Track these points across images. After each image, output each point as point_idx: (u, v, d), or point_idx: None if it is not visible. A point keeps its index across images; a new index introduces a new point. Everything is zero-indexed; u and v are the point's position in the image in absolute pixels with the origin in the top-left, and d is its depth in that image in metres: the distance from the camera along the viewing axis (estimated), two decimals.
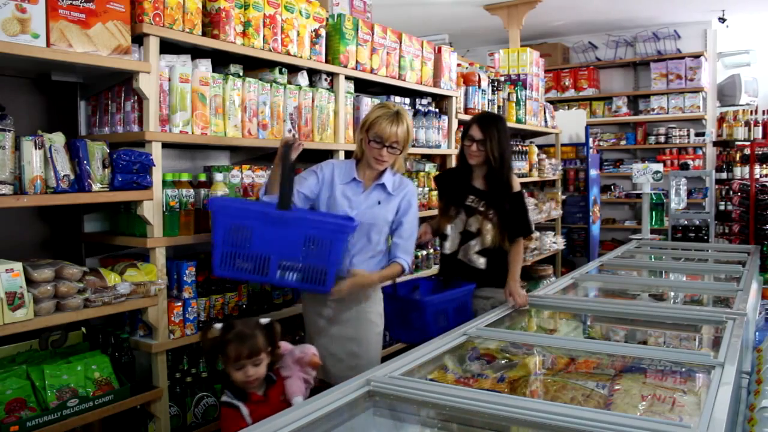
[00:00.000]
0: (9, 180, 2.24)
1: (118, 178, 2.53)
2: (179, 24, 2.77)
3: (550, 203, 6.85)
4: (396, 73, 4.14)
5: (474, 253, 3.38)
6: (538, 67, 6.61)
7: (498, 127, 3.34)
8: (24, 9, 2.27)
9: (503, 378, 2.40)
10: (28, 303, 2.28)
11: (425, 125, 4.45)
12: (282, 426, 1.74)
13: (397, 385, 2.03)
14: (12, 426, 2.25)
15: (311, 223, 2.72)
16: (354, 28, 3.75)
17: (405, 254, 2.98)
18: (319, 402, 1.91)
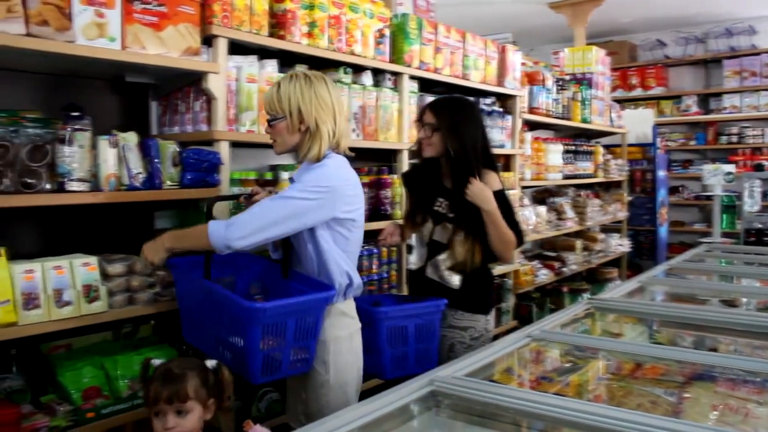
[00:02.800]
0: (86, 177, 2.33)
1: (188, 176, 2.60)
2: (247, 25, 2.83)
3: (615, 205, 6.72)
4: (460, 73, 4.13)
5: (445, 270, 2.79)
6: (604, 65, 6.49)
7: (457, 112, 2.76)
8: (102, 14, 2.36)
9: (568, 382, 2.37)
10: (102, 296, 2.37)
11: (489, 125, 4.41)
12: (342, 425, 1.74)
13: (461, 386, 2.01)
14: (88, 413, 2.35)
15: (222, 300, 2.20)
16: (418, 27, 3.75)
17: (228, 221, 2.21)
18: (380, 401, 1.90)
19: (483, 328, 2.85)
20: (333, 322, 2.33)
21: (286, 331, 2.14)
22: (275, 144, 2.35)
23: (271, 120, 2.30)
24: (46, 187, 2.26)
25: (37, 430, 2.23)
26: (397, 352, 2.59)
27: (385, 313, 2.59)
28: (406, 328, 2.62)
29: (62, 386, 2.41)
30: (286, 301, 2.16)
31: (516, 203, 4.77)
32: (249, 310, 2.06)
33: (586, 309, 3.13)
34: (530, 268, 5.20)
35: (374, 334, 2.55)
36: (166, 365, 1.95)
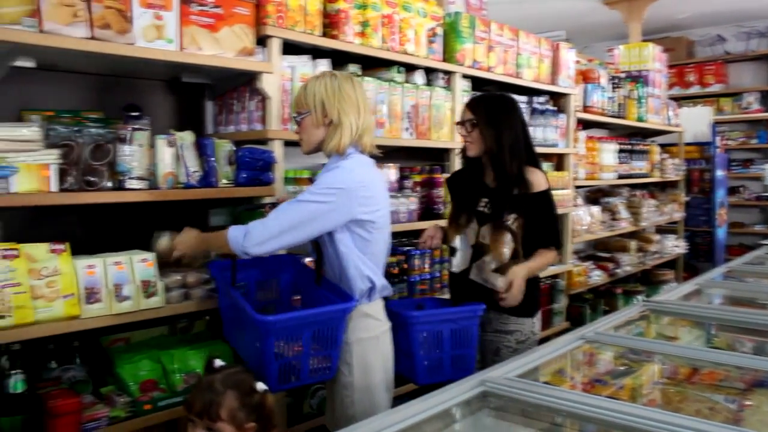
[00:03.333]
0: (145, 176, 2.40)
1: (242, 175, 2.65)
2: (300, 25, 2.86)
3: (672, 205, 6.57)
4: (513, 71, 4.09)
5: (490, 272, 2.70)
6: (660, 62, 6.34)
7: (495, 107, 2.72)
8: (160, 16, 2.42)
9: (622, 385, 2.33)
10: (160, 291, 2.43)
11: (542, 123, 4.37)
12: (392, 423, 1.74)
13: (513, 387, 2.00)
14: (145, 404, 2.41)
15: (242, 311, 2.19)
16: (470, 25, 3.73)
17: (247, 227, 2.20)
18: (431, 401, 1.90)
19: (529, 331, 2.78)
20: (356, 325, 2.32)
21: (302, 341, 2.16)
22: (302, 142, 2.37)
23: (297, 117, 2.33)
24: (107, 185, 2.33)
25: (98, 419, 2.30)
26: (431, 358, 2.52)
27: (417, 317, 2.52)
28: (441, 333, 2.53)
29: (121, 378, 2.48)
30: (298, 314, 2.20)
31: (569, 203, 4.70)
32: (259, 322, 2.08)
33: (640, 311, 3.06)
34: (583, 269, 5.13)
35: (407, 339, 2.50)
36: (214, 376, 1.89)
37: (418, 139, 3.47)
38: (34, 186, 2.15)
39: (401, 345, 2.49)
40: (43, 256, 2.22)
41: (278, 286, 2.63)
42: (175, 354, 2.59)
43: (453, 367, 2.55)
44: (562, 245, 2.79)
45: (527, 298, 2.66)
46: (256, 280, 2.56)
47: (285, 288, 2.63)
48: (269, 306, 2.58)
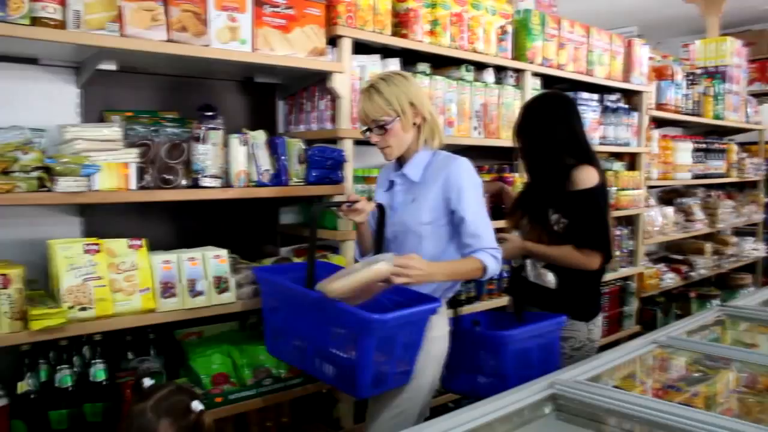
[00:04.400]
0: (218, 174, 2.46)
1: (313, 173, 2.68)
2: (370, 25, 2.87)
3: (750, 206, 6.32)
4: (584, 69, 4.02)
5: (542, 267, 2.65)
6: (740, 57, 6.10)
7: (532, 105, 2.75)
8: (234, 18, 2.48)
9: (697, 392, 2.25)
10: (231, 287, 2.49)
11: (614, 122, 4.27)
12: (459, 424, 1.73)
13: (582, 391, 1.96)
14: (216, 397, 2.47)
15: (333, 312, 2.04)
16: (541, 23, 3.68)
17: (487, 247, 2.21)
18: (499, 402, 1.88)
19: (585, 338, 2.64)
20: (438, 321, 2.26)
21: (395, 343, 2.06)
22: (389, 150, 2.27)
23: (384, 125, 2.22)
24: (183, 183, 2.40)
25: None
26: (522, 376, 2.39)
27: (510, 336, 2.41)
28: (530, 350, 2.46)
29: (193, 371, 2.56)
30: (399, 313, 2.03)
31: (641, 203, 4.58)
32: (368, 321, 1.93)
33: (716, 316, 2.95)
34: (655, 272, 4.99)
35: (497, 359, 2.40)
36: (145, 404, 1.75)
37: (487, 138, 3.45)
38: (115, 184, 2.24)
39: (485, 368, 2.43)
40: (123, 252, 2.30)
41: None
42: (246, 349, 2.65)
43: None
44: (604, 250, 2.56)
45: (581, 300, 2.62)
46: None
47: None
48: None
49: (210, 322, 2.76)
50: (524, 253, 2.63)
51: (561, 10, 4.32)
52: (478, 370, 2.44)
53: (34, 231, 2.43)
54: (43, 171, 2.10)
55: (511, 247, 2.62)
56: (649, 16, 8.32)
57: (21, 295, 2.07)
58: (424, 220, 2.24)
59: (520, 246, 2.63)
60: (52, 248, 2.22)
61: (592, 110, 4.07)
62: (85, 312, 2.17)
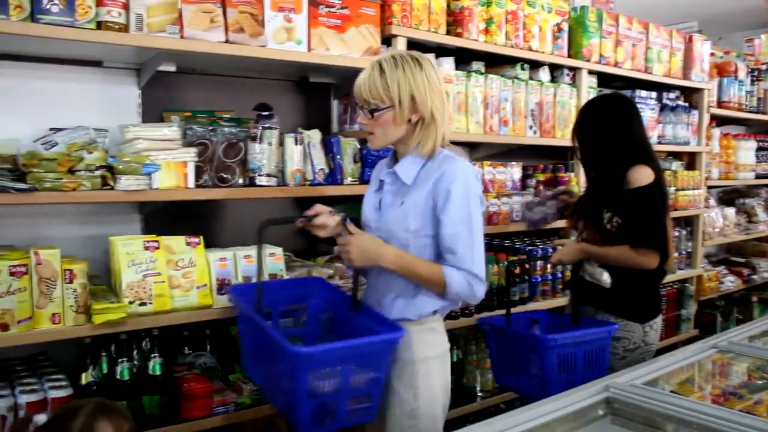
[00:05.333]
0: (274, 173, 2.49)
1: (367, 172, 2.69)
2: (425, 24, 2.87)
3: None
4: (642, 66, 3.93)
5: (597, 267, 2.61)
6: None
7: (591, 106, 2.71)
8: (290, 19, 2.51)
9: (759, 400, 2.19)
10: None
11: (672, 120, 4.17)
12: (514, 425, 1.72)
13: (639, 395, 1.93)
14: None
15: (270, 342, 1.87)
16: (597, 20, 3.62)
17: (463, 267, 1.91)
18: (554, 404, 1.87)
19: (640, 339, 2.59)
20: (422, 340, 2.01)
21: (341, 378, 1.81)
22: (373, 137, 2.01)
23: (374, 110, 1.95)
24: (239, 181, 2.44)
25: (227, 404, 2.42)
26: (565, 381, 2.38)
27: (554, 340, 2.38)
28: (575, 356, 2.42)
29: None
30: (336, 345, 1.86)
31: (700, 204, 4.46)
32: (291, 355, 1.72)
33: None
34: (715, 274, 4.86)
35: (541, 361, 2.40)
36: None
37: (543, 137, 3.41)
38: (174, 182, 2.28)
39: (531, 368, 2.44)
40: (180, 249, 2.35)
41: (307, 313, 2.24)
42: None
43: None
44: (660, 248, 2.48)
45: (636, 301, 2.56)
46: (280, 308, 2.19)
47: (314, 316, 2.24)
48: (296, 338, 2.20)
49: None
50: (582, 255, 2.60)
51: (618, 6, 4.24)
52: (524, 369, 2.46)
53: (96, 228, 2.51)
54: (106, 170, 2.16)
55: (569, 251, 2.61)
56: (710, 10, 8.08)
57: (85, 289, 2.14)
58: (411, 227, 1.95)
59: (577, 248, 2.60)
60: (113, 245, 2.29)
61: (650, 109, 3.98)
62: (145, 307, 2.22)
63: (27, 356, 2.35)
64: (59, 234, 2.42)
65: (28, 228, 2.38)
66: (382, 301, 2.04)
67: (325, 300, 2.22)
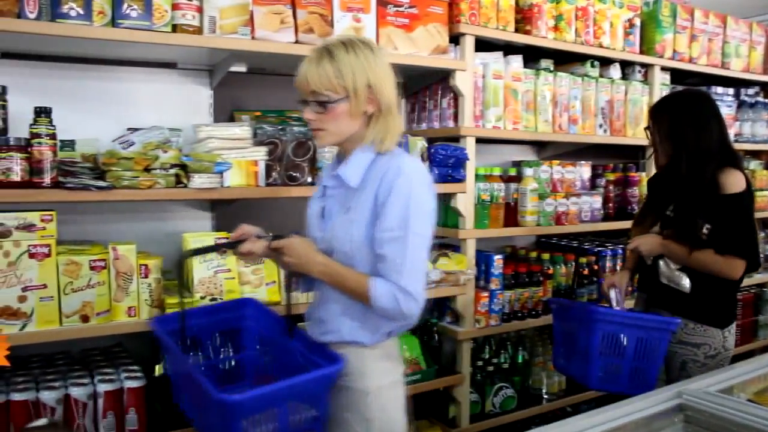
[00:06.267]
0: None
1: (435, 171, 2.68)
2: (493, 22, 2.84)
3: None
4: (718, 61, 3.80)
5: (675, 271, 2.47)
6: None
7: (677, 112, 2.43)
8: (359, 19, 2.52)
9: None
10: None
11: (751, 118, 4.02)
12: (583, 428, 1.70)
13: (713, 402, 1.86)
14: None
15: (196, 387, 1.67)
16: (671, 14, 3.52)
17: (390, 274, 1.64)
18: (625, 409, 1.82)
19: (720, 345, 2.46)
20: (377, 367, 1.77)
21: (279, 420, 1.63)
22: (322, 134, 1.73)
23: (326, 102, 1.68)
24: (308, 180, 2.47)
25: None
26: (609, 363, 2.31)
27: (603, 314, 2.32)
28: (625, 338, 2.31)
29: None
30: (270, 389, 1.63)
31: None
32: (221, 404, 1.54)
33: None
34: None
35: (586, 336, 2.32)
36: None
37: (613, 135, 3.33)
38: (244, 180, 2.33)
39: (579, 344, 2.38)
40: None
41: (241, 339, 2.01)
42: None
43: (631, 378, 2.34)
44: (749, 258, 2.35)
45: (717, 306, 2.44)
46: (212, 333, 1.97)
47: (250, 342, 2.01)
48: (232, 370, 2.00)
49: None
50: (662, 250, 2.47)
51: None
52: (574, 346, 2.40)
53: (170, 225, 2.58)
54: (179, 168, 2.22)
55: (649, 241, 2.49)
56: None
57: (159, 284, 2.21)
58: (356, 237, 1.69)
59: (658, 242, 2.47)
60: (186, 241, 2.34)
61: (727, 106, 3.85)
62: (215, 302, 2.27)
63: (105, 347, 2.44)
64: (135, 230, 2.50)
65: (106, 224, 2.47)
66: (326, 318, 1.79)
67: (260, 323, 1.98)
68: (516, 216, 3.04)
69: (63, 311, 2.08)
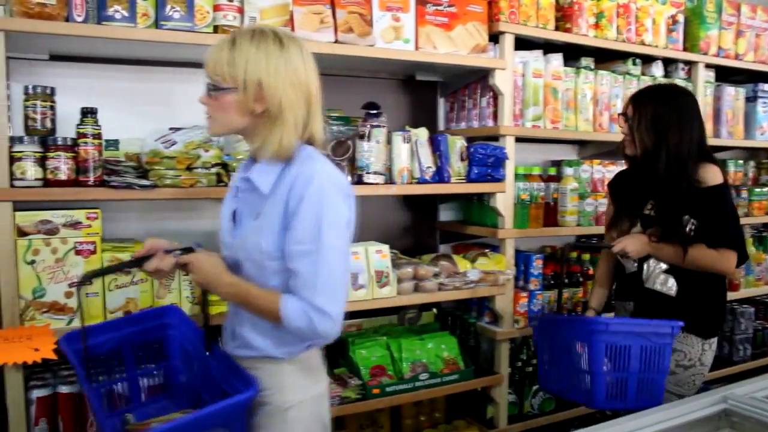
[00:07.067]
0: (381, 171, 2.51)
1: (474, 171, 2.67)
2: (533, 20, 2.82)
3: None
4: (767, 57, 3.71)
5: (661, 273, 2.35)
6: None
7: (662, 103, 2.30)
8: (398, 18, 2.53)
9: None
10: (392, 282, 2.53)
11: None
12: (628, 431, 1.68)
13: (760, 408, 1.82)
14: (374, 389, 2.54)
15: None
16: (716, 10, 3.44)
17: (302, 291, 1.51)
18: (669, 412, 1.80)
19: (696, 357, 2.32)
20: (296, 382, 1.65)
21: None
22: (210, 121, 1.63)
23: (212, 88, 1.59)
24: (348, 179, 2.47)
25: (332, 397, 2.44)
26: (614, 378, 2.14)
27: (606, 324, 2.14)
28: (629, 349, 2.14)
29: (353, 362, 2.63)
30: (178, 423, 1.51)
31: None
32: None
33: None
34: None
35: (589, 351, 2.15)
36: None
37: None
38: None
39: (573, 360, 2.22)
40: None
41: (164, 349, 1.87)
42: (404, 343, 2.69)
43: (638, 393, 2.17)
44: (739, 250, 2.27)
45: (702, 313, 2.31)
46: (133, 344, 1.82)
47: (174, 352, 1.86)
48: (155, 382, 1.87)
49: (369, 315, 2.83)
50: (650, 251, 2.32)
51: None
52: (571, 365, 2.23)
53: (211, 223, 2.60)
54: (221, 167, 2.25)
55: (636, 241, 2.32)
56: None
57: None
58: (264, 248, 1.56)
59: (647, 242, 2.32)
60: None
61: None
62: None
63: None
64: (176, 228, 2.53)
65: (148, 222, 2.51)
66: (240, 332, 1.67)
67: (182, 332, 1.85)
68: (556, 216, 3.01)
69: (107, 307, 2.12)
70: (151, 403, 1.80)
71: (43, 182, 2.02)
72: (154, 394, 1.83)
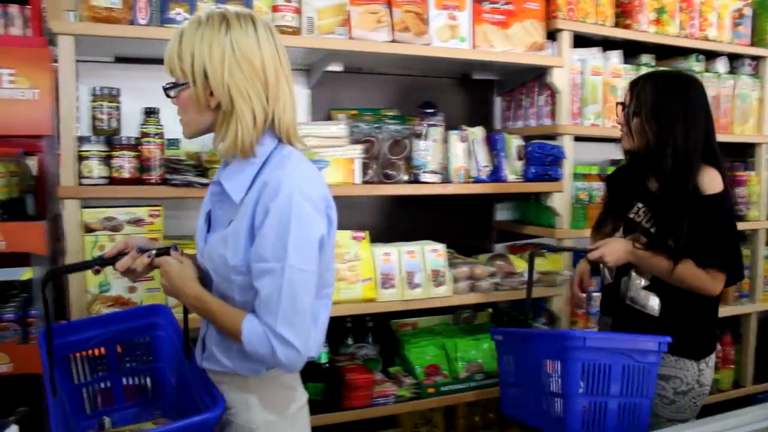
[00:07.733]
0: (438, 170, 2.51)
1: (531, 170, 2.65)
2: (591, 17, 2.78)
3: None
4: None
5: (641, 290, 2.06)
6: None
7: (668, 91, 2.02)
8: (454, 17, 2.52)
9: None
10: (448, 281, 2.53)
11: None
12: None
13: None
14: (429, 388, 2.54)
15: None
16: None
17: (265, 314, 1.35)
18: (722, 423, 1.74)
19: (694, 380, 2.07)
20: (265, 399, 1.52)
21: None
22: (181, 123, 1.49)
23: (168, 87, 1.46)
24: (404, 178, 2.49)
25: (386, 396, 2.47)
26: (591, 402, 1.84)
27: (583, 339, 1.84)
28: (609, 369, 1.84)
29: (408, 361, 2.64)
30: None
31: None
32: None
33: None
34: None
35: (563, 371, 1.86)
36: None
37: (719, 133, 3.16)
38: (341, 178, 2.37)
39: (542, 383, 1.94)
40: (347, 243, 2.43)
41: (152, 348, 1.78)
42: (459, 342, 2.68)
43: (619, 420, 1.88)
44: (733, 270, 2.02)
45: (692, 334, 2.06)
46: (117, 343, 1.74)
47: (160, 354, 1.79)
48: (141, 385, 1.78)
49: (424, 314, 2.83)
50: (631, 259, 2.04)
51: None
52: (539, 388, 1.94)
53: None
54: None
55: (615, 249, 2.03)
56: None
57: None
58: (230, 261, 1.40)
59: (626, 249, 2.03)
60: None
61: None
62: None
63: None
64: None
65: None
66: (207, 343, 1.56)
67: (169, 334, 1.78)
68: None
69: (168, 302, 2.16)
70: (134, 406, 1.74)
71: (108, 180, 2.09)
72: (138, 396, 1.76)
